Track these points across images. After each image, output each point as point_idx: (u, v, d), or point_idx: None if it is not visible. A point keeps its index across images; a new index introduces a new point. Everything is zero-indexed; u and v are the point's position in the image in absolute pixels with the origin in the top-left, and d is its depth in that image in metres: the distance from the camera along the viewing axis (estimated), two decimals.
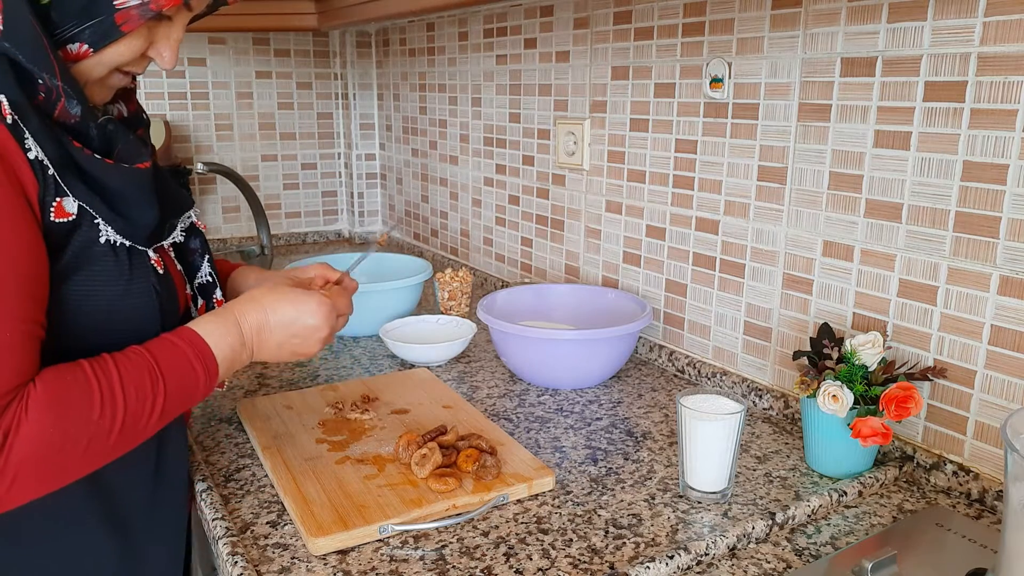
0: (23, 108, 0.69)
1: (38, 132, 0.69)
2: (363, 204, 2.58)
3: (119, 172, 0.75)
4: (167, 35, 0.77)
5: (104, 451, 0.71)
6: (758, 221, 1.21)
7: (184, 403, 0.77)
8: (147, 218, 0.79)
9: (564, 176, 1.65)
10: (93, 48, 0.72)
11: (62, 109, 0.71)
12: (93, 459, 0.71)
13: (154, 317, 0.80)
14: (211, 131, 2.37)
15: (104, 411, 0.70)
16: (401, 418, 1.14)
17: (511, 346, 1.29)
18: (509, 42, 1.77)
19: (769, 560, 0.85)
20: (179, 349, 0.77)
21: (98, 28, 0.71)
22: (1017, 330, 0.91)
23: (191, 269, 0.91)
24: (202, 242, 0.92)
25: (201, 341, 0.78)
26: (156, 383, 0.73)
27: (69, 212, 0.71)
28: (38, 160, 0.69)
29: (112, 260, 0.75)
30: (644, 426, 1.16)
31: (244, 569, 0.80)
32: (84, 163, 0.73)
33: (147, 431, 0.75)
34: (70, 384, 0.69)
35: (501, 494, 0.92)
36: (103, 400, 0.70)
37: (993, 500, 0.94)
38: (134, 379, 0.72)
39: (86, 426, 0.69)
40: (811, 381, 0.98)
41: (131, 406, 0.71)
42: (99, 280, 0.74)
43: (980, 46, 0.90)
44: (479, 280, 1.99)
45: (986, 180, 0.92)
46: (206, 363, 0.78)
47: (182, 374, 0.76)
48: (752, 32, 1.18)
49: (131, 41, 0.74)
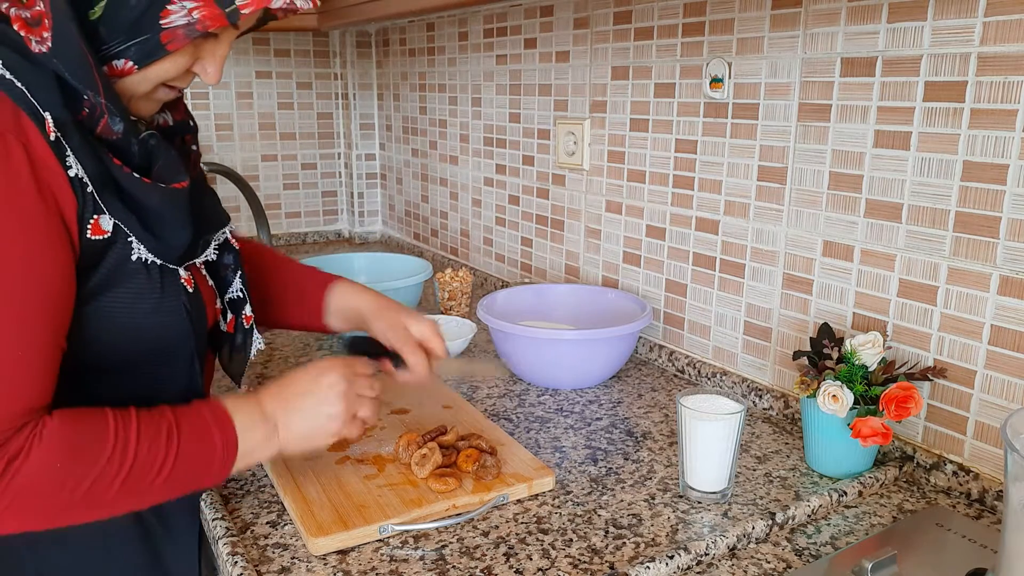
0: (66, 125, 0.69)
1: (80, 149, 0.69)
2: (363, 204, 2.58)
3: (156, 192, 0.75)
4: (213, 52, 0.77)
5: (103, 499, 0.70)
6: (758, 221, 1.21)
7: (198, 470, 0.76)
8: (180, 238, 0.79)
9: (564, 176, 1.65)
10: (138, 65, 0.72)
11: (104, 126, 0.71)
12: (90, 505, 0.70)
13: (184, 334, 0.80)
14: (211, 131, 2.37)
15: (114, 455, 0.69)
16: (401, 418, 1.14)
17: (511, 346, 1.29)
18: (509, 42, 1.77)
19: (769, 560, 0.85)
20: (202, 416, 0.76)
21: (144, 46, 0.71)
22: (1017, 330, 0.91)
23: (223, 284, 0.91)
24: (235, 258, 0.92)
25: (222, 411, 0.78)
26: (171, 441, 0.73)
27: (105, 230, 0.71)
28: (78, 178, 0.69)
29: (144, 277, 0.75)
30: (644, 426, 1.16)
31: (244, 569, 0.80)
32: (123, 181, 0.73)
33: (151, 491, 0.73)
34: (88, 422, 0.70)
35: (501, 494, 0.93)
36: (115, 444, 0.69)
37: (993, 500, 0.94)
38: (150, 432, 0.72)
39: (93, 466, 0.68)
40: (811, 381, 0.98)
41: (141, 457, 0.71)
42: (131, 296, 0.75)
43: (980, 46, 0.90)
44: (479, 280, 1.99)
45: (986, 180, 0.92)
46: (224, 431, 0.77)
47: (199, 438, 0.75)
48: (752, 32, 1.18)
49: (176, 59, 0.74)
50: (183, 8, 0.70)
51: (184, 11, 0.70)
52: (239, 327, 0.93)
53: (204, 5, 0.70)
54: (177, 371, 0.83)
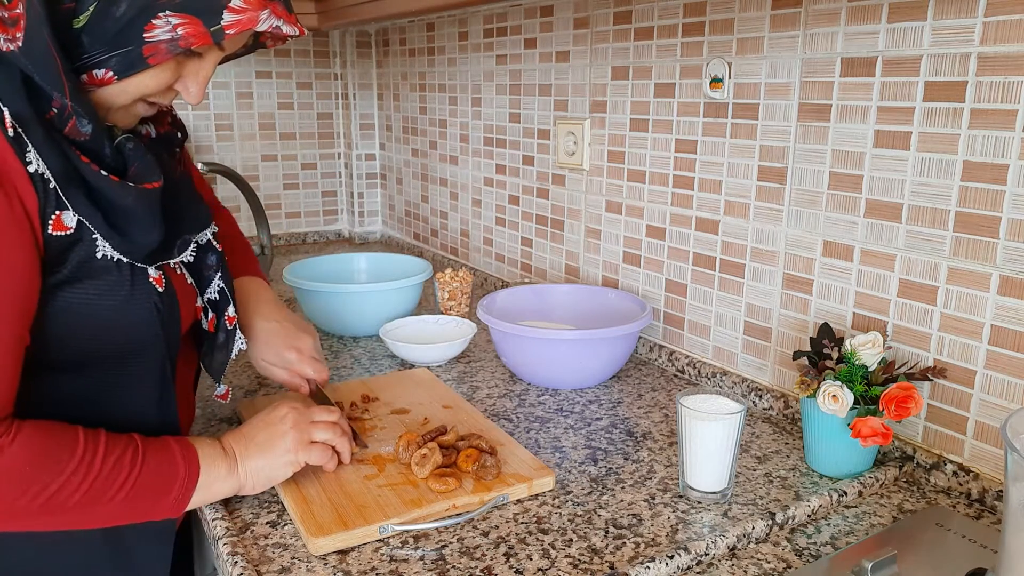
0: (28, 121, 0.69)
1: (42, 145, 0.70)
2: (363, 204, 2.58)
3: (124, 190, 0.76)
4: (196, 71, 0.78)
5: (63, 508, 0.72)
6: (758, 221, 1.21)
7: (158, 492, 0.79)
8: (148, 238, 0.79)
9: (564, 176, 1.65)
10: (118, 76, 0.72)
11: (72, 127, 0.72)
12: (49, 513, 0.72)
13: (154, 332, 0.81)
14: (211, 131, 2.37)
15: (80, 466, 0.72)
16: (401, 418, 1.14)
17: (511, 346, 1.29)
18: (509, 42, 1.77)
19: (769, 560, 0.85)
20: (167, 443, 0.81)
21: (125, 58, 0.71)
22: (1017, 330, 0.91)
23: (203, 283, 0.92)
24: (218, 259, 0.93)
25: (187, 442, 0.83)
26: (135, 460, 0.76)
27: (67, 226, 0.72)
28: (39, 173, 0.69)
29: (115, 274, 0.76)
30: (644, 426, 1.16)
31: (244, 569, 0.80)
32: (90, 179, 0.73)
33: (110, 507, 0.75)
34: (58, 433, 0.73)
35: (501, 494, 0.93)
36: (83, 455, 0.73)
37: (993, 500, 0.94)
38: (117, 449, 0.76)
39: (58, 476, 0.71)
40: (811, 381, 0.98)
41: (106, 471, 0.74)
42: (97, 293, 0.75)
43: (980, 46, 0.90)
44: (479, 280, 1.99)
45: (986, 180, 0.92)
46: (188, 461, 0.81)
47: (162, 461, 0.79)
48: (752, 32, 1.18)
49: (158, 73, 0.74)
50: (168, 24, 0.70)
51: (169, 27, 0.70)
52: (221, 327, 0.94)
53: (189, 23, 0.70)
54: (146, 369, 0.83)
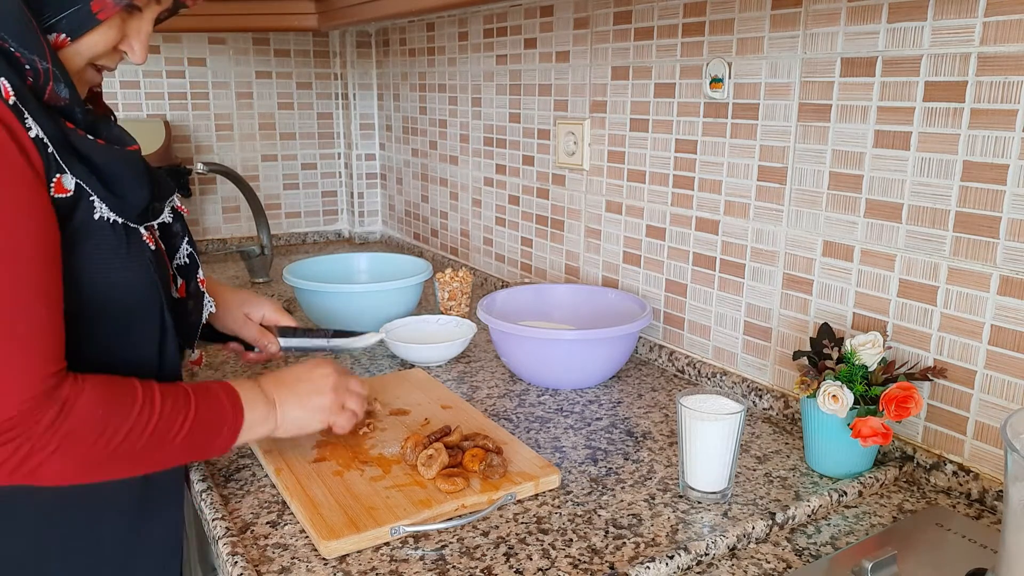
0: (21, 90, 0.71)
1: (36, 112, 0.71)
2: (363, 204, 2.58)
3: (111, 152, 0.78)
4: (138, 29, 0.81)
5: (132, 453, 0.75)
6: (758, 221, 1.21)
7: (211, 432, 0.82)
8: (139, 197, 0.82)
9: (564, 176, 1.65)
10: (71, 37, 0.75)
11: (51, 92, 0.74)
12: (121, 458, 0.74)
13: (153, 288, 0.84)
14: (211, 131, 2.37)
15: (143, 409, 0.75)
16: (401, 419, 1.14)
17: (511, 346, 1.29)
18: (509, 42, 1.77)
19: (769, 560, 0.85)
20: (209, 386, 0.84)
21: (75, 16, 0.74)
22: (1017, 330, 0.91)
23: (172, 250, 0.94)
24: (183, 225, 0.96)
25: (228, 384, 0.86)
26: (188, 402, 0.79)
27: (67, 188, 0.74)
28: (39, 138, 0.71)
29: (111, 234, 0.78)
30: (644, 426, 1.16)
31: (244, 569, 0.80)
32: (77, 143, 0.75)
33: (173, 449, 0.78)
34: (116, 381, 0.75)
35: (509, 492, 0.93)
36: (143, 400, 0.75)
37: (993, 500, 0.94)
38: (171, 393, 0.78)
39: (126, 418, 0.74)
40: (811, 381, 0.98)
41: (166, 412, 0.77)
42: (99, 253, 0.77)
43: (980, 46, 0.90)
44: (479, 280, 1.99)
45: (986, 180, 0.92)
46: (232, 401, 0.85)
47: (211, 404, 0.82)
48: (752, 32, 1.18)
49: (106, 31, 0.77)
50: None
51: None
52: (192, 292, 0.96)
53: None
54: (149, 325, 0.85)
